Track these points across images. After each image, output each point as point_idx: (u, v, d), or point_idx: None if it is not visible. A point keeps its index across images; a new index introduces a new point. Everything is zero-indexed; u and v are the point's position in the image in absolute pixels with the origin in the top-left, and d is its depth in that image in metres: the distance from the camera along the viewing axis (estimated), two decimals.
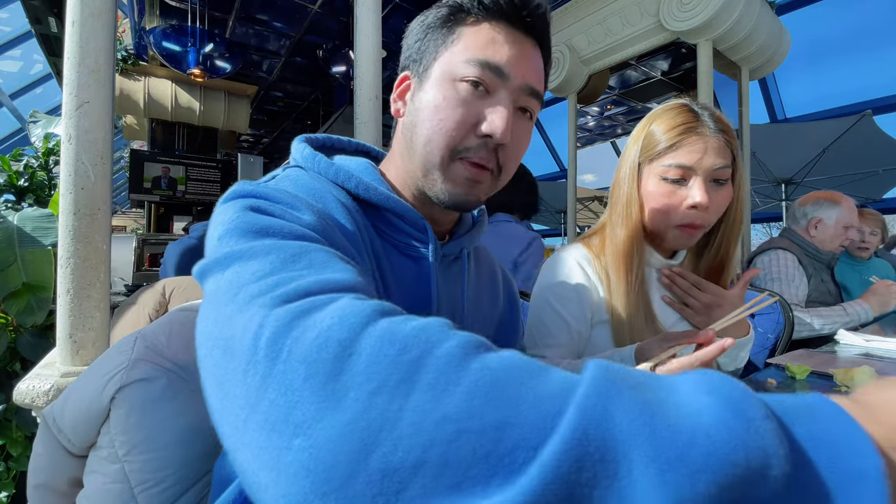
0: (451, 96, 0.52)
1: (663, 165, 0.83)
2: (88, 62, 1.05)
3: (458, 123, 0.51)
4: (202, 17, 4.10)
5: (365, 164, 0.59)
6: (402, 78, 0.58)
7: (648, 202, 0.87)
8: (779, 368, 0.93)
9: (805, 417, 0.23)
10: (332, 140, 0.64)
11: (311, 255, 0.34)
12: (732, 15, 2.30)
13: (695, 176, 0.82)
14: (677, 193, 0.83)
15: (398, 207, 0.55)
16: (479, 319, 0.66)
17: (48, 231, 1.74)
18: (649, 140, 0.87)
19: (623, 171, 0.91)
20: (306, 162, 0.55)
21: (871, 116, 3.56)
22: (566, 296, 0.90)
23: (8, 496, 1.73)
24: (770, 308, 1.35)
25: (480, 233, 0.68)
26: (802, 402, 0.24)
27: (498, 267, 0.78)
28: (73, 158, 1.04)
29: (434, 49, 0.54)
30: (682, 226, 0.84)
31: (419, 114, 0.54)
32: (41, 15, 3.94)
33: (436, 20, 0.55)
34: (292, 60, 5.21)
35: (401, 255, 0.56)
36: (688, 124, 0.83)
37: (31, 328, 1.69)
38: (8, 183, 2.66)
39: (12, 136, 6.89)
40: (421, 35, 0.56)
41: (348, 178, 0.54)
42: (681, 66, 3.28)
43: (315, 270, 0.32)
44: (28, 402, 0.99)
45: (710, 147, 0.81)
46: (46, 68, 5.40)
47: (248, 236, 0.35)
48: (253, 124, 6.73)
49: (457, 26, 0.53)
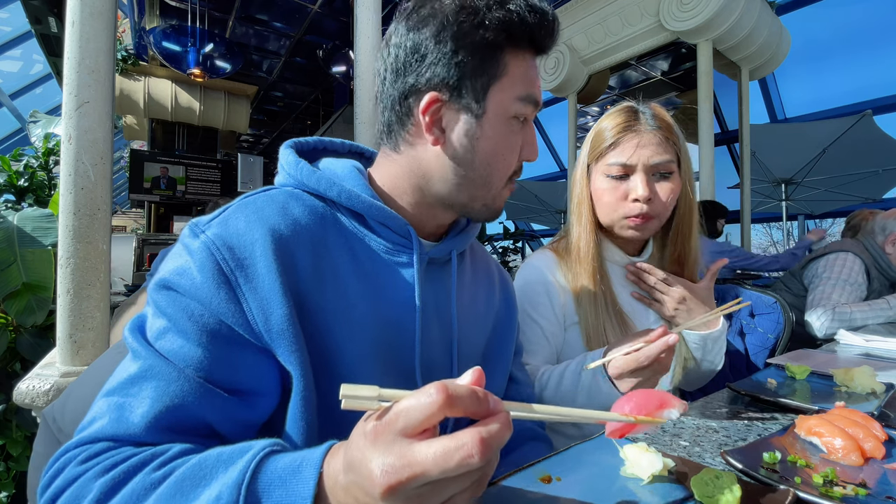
0: (508, 134, 0.55)
1: (607, 164, 0.90)
2: (88, 62, 1.05)
3: (516, 157, 0.57)
4: (202, 17, 4.10)
5: (350, 168, 0.58)
6: (430, 100, 0.52)
7: (597, 199, 0.93)
8: (779, 368, 0.93)
9: (277, 485, 0.34)
10: (324, 143, 0.64)
11: (145, 382, 0.44)
12: (732, 15, 2.30)
13: (636, 171, 0.88)
14: (621, 188, 0.89)
15: (381, 214, 0.55)
16: (472, 320, 0.66)
17: (48, 231, 1.74)
18: (595, 141, 0.93)
19: (576, 173, 0.98)
20: (290, 168, 0.56)
21: (871, 116, 3.56)
22: (539, 301, 0.93)
23: (8, 496, 1.73)
24: (770, 308, 1.35)
25: (473, 233, 0.68)
26: (293, 465, 0.34)
27: (494, 265, 0.78)
28: (73, 158, 1.04)
29: (481, 80, 0.52)
30: (629, 217, 0.89)
31: (479, 154, 0.55)
32: (41, 15, 3.94)
33: (473, 45, 0.51)
34: (292, 60, 5.21)
35: (385, 262, 0.56)
36: (626, 123, 0.89)
37: (31, 328, 1.69)
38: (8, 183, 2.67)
39: (12, 136, 6.89)
40: (448, 54, 0.51)
41: (330, 186, 0.55)
42: (681, 66, 3.28)
43: (125, 410, 0.43)
44: (28, 402, 0.99)
45: (648, 143, 0.87)
46: (46, 68, 5.40)
47: (140, 339, 0.47)
48: (253, 124, 6.74)
49: (501, 56, 0.53)
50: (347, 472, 0.31)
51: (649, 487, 0.46)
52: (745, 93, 2.74)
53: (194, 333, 0.46)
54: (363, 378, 0.51)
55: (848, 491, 0.45)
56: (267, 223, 0.50)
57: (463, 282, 0.66)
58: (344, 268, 0.53)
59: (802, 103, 4.95)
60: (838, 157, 3.98)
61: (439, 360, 0.60)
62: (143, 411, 0.43)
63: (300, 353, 0.47)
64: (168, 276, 0.48)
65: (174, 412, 0.44)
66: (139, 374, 0.45)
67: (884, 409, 0.68)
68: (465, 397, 0.29)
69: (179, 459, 0.40)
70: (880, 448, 0.53)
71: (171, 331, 0.46)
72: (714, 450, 0.57)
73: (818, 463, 0.51)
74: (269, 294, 0.47)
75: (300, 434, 0.48)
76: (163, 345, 0.46)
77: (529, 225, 7.95)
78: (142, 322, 0.49)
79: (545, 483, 0.47)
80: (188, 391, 0.44)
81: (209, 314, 0.46)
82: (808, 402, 0.72)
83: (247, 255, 0.48)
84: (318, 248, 0.52)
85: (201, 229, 0.49)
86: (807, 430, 0.57)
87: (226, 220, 0.50)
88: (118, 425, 0.43)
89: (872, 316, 1.63)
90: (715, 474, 0.43)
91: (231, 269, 0.47)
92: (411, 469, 0.28)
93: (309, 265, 0.51)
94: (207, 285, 0.46)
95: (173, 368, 0.45)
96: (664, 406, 0.43)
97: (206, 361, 0.46)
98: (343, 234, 0.55)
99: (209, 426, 0.46)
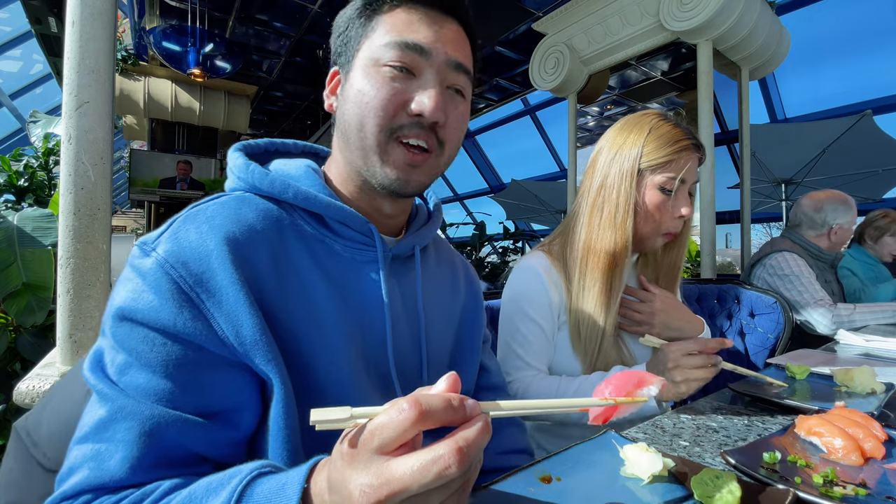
0: (377, 80, 0.52)
1: (665, 176, 0.89)
2: (88, 62, 1.05)
3: (385, 101, 0.52)
4: (202, 17, 4.10)
5: (304, 168, 0.57)
6: (332, 74, 0.59)
7: (647, 209, 0.91)
8: (779, 368, 0.93)
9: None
10: (275, 144, 0.63)
11: (117, 424, 0.42)
12: (732, 15, 2.30)
13: (683, 189, 0.91)
14: (668, 203, 0.90)
15: (340, 214, 0.54)
16: (439, 314, 0.65)
17: (48, 231, 1.74)
18: (654, 152, 0.90)
19: (615, 175, 0.92)
20: (240, 172, 0.55)
21: (871, 116, 3.55)
22: (537, 301, 0.93)
23: None
24: (770, 308, 1.35)
25: (435, 227, 0.67)
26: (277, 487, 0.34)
27: (457, 257, 0.77)
28: (73, 158, 1.04)
29: (355, 40, 0.55)
30: (668, 233, 0.93)
31: (347, 102, 0.54)
32: (41, 15, 3.94)
33: (354, 11, 0.56)
34: (292, 60, 5.21)
35: (348, 262, 0.55)
36: (686, 140, 0.90)
37: (31, 328, 1.69)
38: (8, 183, 2.67)
39: (12, 136, 6.88)
40: (342, 28, 0.57)
41: (285, 188, 0.53)
42: (681, 66, 3.28)
43: (103, 458, 0.41)
44: (28, 403, 0.99)
45: (695, 164, 0.92)
46: (46, 68, 5.40)
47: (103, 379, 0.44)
48: (253, 124, 6.74)
49: (374, 15, 0.54)
50: (331, 492, 0.31)
51: (649, 487, 0.46)
52: (745, 93, 2.73)
53: (159, 365, 0.43)
54: (339, 380, 0.50)
55: (848, 491, 0.45)
56: (220, 232, 0.47)
57: (427, 276, 0.65)
58: (306, 272, 0.51)
59: (802, 103, 4.94)
60: (838, 157, 3.98)
61: (411, 357, 0.60)
62: (122, 455, 0.41)
63: (276, 361, 0.46)
64: (123, 305, 0.44)
65: (155, 449, 0.42)
66: (109, 417, 0.42)
67: (884, 409, 0.68)
68: (440, 410, 0.29)
69: (171, 495, 0.39)
70: (880, 448, 0.53)
71: (134, 366, 0.43)
72: (714, 450, 0.57)
73: (818, 463, 0.51)
74: (235, 306, 0.45)
75: (284, 442, 0.46)
76: (128, 381, 0.43)
77: (529, 225, 7.95)
78: (99, 357, 0.46)
79: (545, 483, 0.46)
80: (164, 426, 0.42)
81: (172, 340, 0.44)
82: (808, 402, 0.72)
83: (204, 269, 0.45)
84: (278, 254, 0.50)
85: (151, 247, 0.46)
86: (807, 430, 0.57)
87: (175, 233, 0.47)
88: (100, 474, 0.41)
89: (874, 317, 1.64)
90: (715, 474, 0.43)
91: (190, 286, 0.44)
92: (389, 487, 0.27)
93: (270, 272, 0.49)
94: (167, 307, 0.43)
95: (144, 406, 0.42)
96: (642, 384, 0.43)
97: (178, 392, 0.43)
98: (302, 237, 0.53)
99: (195, 455, 0.44)
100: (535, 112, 6.51)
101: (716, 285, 1.50)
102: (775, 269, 1.83)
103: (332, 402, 0.48)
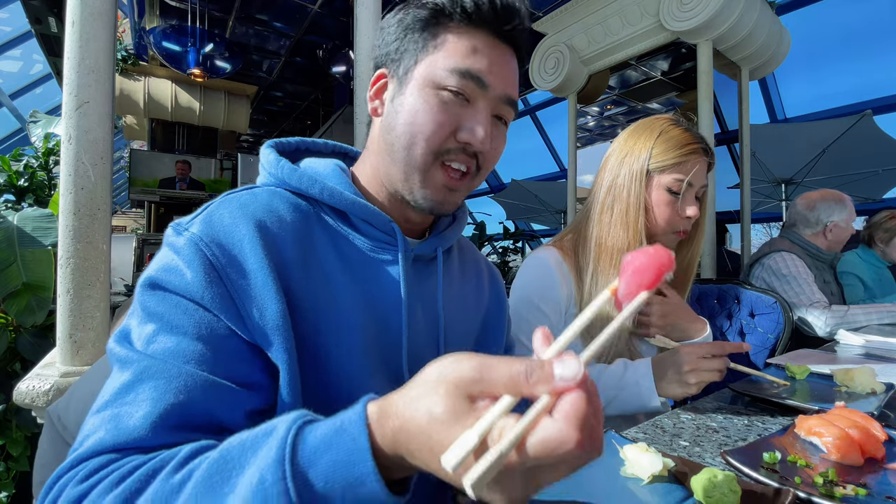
0: (434, 103, 0.52)
1: (673, 178, 0.92)
2: (88, 62, 1.05)
3: (438, 127, 0.52)
4: (202, 17, 4.10)
5: (333, 167, 0.58)
6: (378, 76, 0.58)
7: (656, 209, 0.94)
8: (779, 368, 0.93)
9: (324, 450, 0.30)
10: (306, 143, 0.63)
11: (141, 385, 0.41)
12: (732, 15, 2.30)
13: (691, 191, 0.94)
14: (675, 204, 0.94)
15: (364, 212, 0.55)
16: (460, 318, 0.65)
17: (48, 231, 1.74)
18: (664, 153, 0.93)
19: (625, 175, 0.96)
20: (271, 167, 0.56)
21: (871, 116, 3.55)
22: (548, 295, 0.95)
23: (8, 496, 1.73)
24: (770, 308, 1.35)
25: (460, 229, 0.67)
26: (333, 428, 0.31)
27: (483, 262, 0.77)
28: (73, 158, 1.04)
29: (414, 52, 0.54)
30: (677, 231, 0.96)
31: (399, 117, 0.54)
32: (41, 15, 3.94)
33: (415, 21, 0.54)
34: (292, 60, 5.21)
35: (370, 260, 0.56)
36: (695, 144, 0.94)
37: (31, 328, 1.69)
38: (8, 183, 2.67)
39: (12, 136, 6.88)
40: (399, 34, 0.55)
41: (312, 183, 0.54)
42: (681, 66, 3.27)
43: (121, 418, 0.40)
44: (28, 402, 0.99)
45: (703, 167, 0.95)
46: (46, 68, 5.40)
47: (128, 347, 0.44)
48: (253, 124, 6.74)
49: (439, 31, 0.53)
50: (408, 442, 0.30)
51: (649, 487, 0.46)
52: (745, 93, 2.73)
53: (191, 327, 0.43)
54: (350, 375, 0.51)
55: (848, 491, 0.45)
56: (252, 218, 0.49)
57: (450, 279, 0.65)
58: (331, 265, 0.52)
59: (802, 103, 4.95)
60: (838, 157, 3.98)
61: (427, 358, 0.59)
62: (145, 412, 0.39)
63: (290, 350, 0.46)
64: (155, 274, 0.45)
65: (180, 409, 0.40)
66: (133, 380, 0.41)
67: (884, 409, 0.68)
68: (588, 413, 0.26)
69: (198, 458, 0.36)
70: (880, 448, 0.53)
71: (163, 331, 0.43)
72: (714, 450, 0.57)
73: (818, 463, 0.51)
74: (263, 290, 0.45)
75: None
76: (156, 348, 0.43)
77: (529, 225, 7.94)
78: (126, 333, 0.46)
79: None
80: (192, 386, 0.41)
81: (203, 309, 0.44)
82: (808, 402, 0.72)
83: (237, 251, 0.46)
84: (305, 245, 0.51)
85: (185, 227, 0.47)
86: (807, 430, 0.57)
87: (209, 216, 0.48)
88: (118, 433, 0.39)
89: (867, 319, 1.63)
90: (715, 474, 0.43)
91: (222, 265, 0.45)
92: None
93: (297, 262, 0.50)
94: (198, 280, 0.44)
95: (172, 366, 0.41)
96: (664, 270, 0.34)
97: (208, 354, 0.43)
98: (327, 232, 0.54)
99: (219, 422, 0.43)
100: (535, 112, 6.50)
101: (716, 285, 1.50)
102: (773, 269, 1.83)
103: (340, 396, 0.48)
